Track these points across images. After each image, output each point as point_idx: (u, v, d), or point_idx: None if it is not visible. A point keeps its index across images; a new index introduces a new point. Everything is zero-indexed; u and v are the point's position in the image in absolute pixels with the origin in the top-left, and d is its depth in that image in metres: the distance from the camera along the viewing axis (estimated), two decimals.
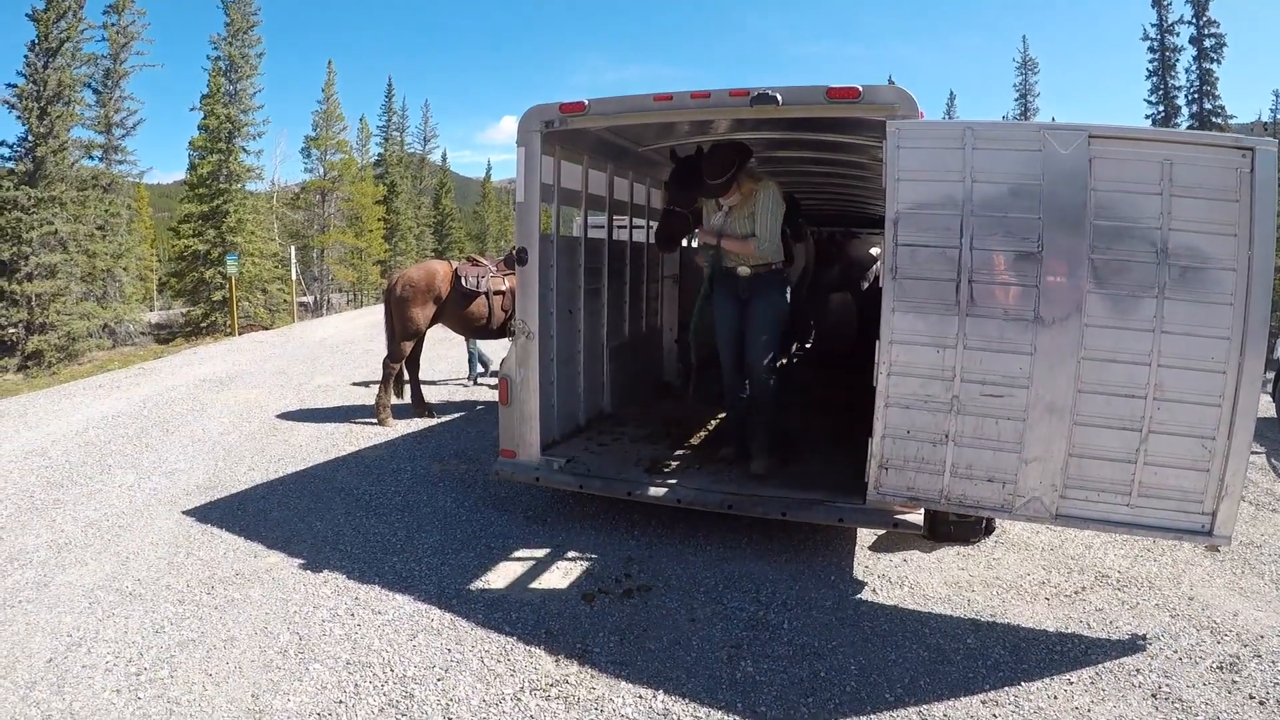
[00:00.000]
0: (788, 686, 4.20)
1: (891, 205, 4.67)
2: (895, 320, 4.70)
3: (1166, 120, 44.29)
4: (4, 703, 4.17)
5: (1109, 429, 4.47)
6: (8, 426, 10.37)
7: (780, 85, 5.31)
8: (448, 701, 4.10)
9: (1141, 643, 4.63)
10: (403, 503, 7.03)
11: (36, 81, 27.96)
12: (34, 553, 6.10)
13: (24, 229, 26.56)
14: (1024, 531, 6.09)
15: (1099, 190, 4.36)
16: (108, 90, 32.63)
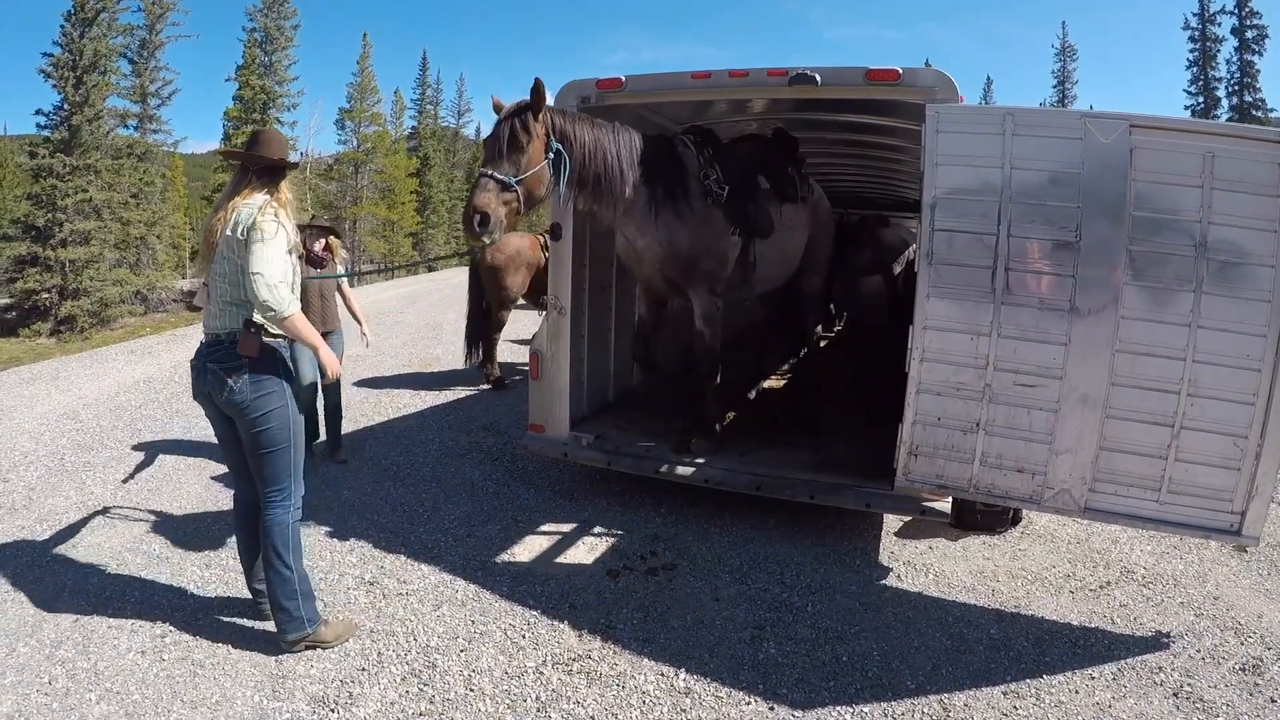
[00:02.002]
0: (809, 670, 4.21)
1: (929, 190, 4.62)
2: (929, 306, 4.66)
3: (1206, 112, 43.73)
4: (30, 660, 4.25)
5: (1141, 423, 4.42)
6: (40, 390, 10.50)
7: (818, 66, 5.27)
8: (470, 672, 4.14)
9: (1165, 640, 4.59)
10: (430, 474, 7.07)
11: (72, 51, 28.16)
12: (63, 514, 6.20)
13: (59, 196, 26.83)
14: (1050, 523, 6.05)
15: (1139, 181, 4.29)
16: (143, 60, 32.90)
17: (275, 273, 3.93)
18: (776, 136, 6.83)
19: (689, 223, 5.72)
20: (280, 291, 3.94)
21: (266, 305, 3.90)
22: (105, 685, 4.05)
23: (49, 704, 3.90)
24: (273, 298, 3.89)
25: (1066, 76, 55.25)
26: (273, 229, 3.99)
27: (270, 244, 3.95)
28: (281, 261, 4.00)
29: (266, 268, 3.90)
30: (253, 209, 4.03)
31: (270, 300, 3.88)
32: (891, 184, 10.85)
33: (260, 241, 3.93)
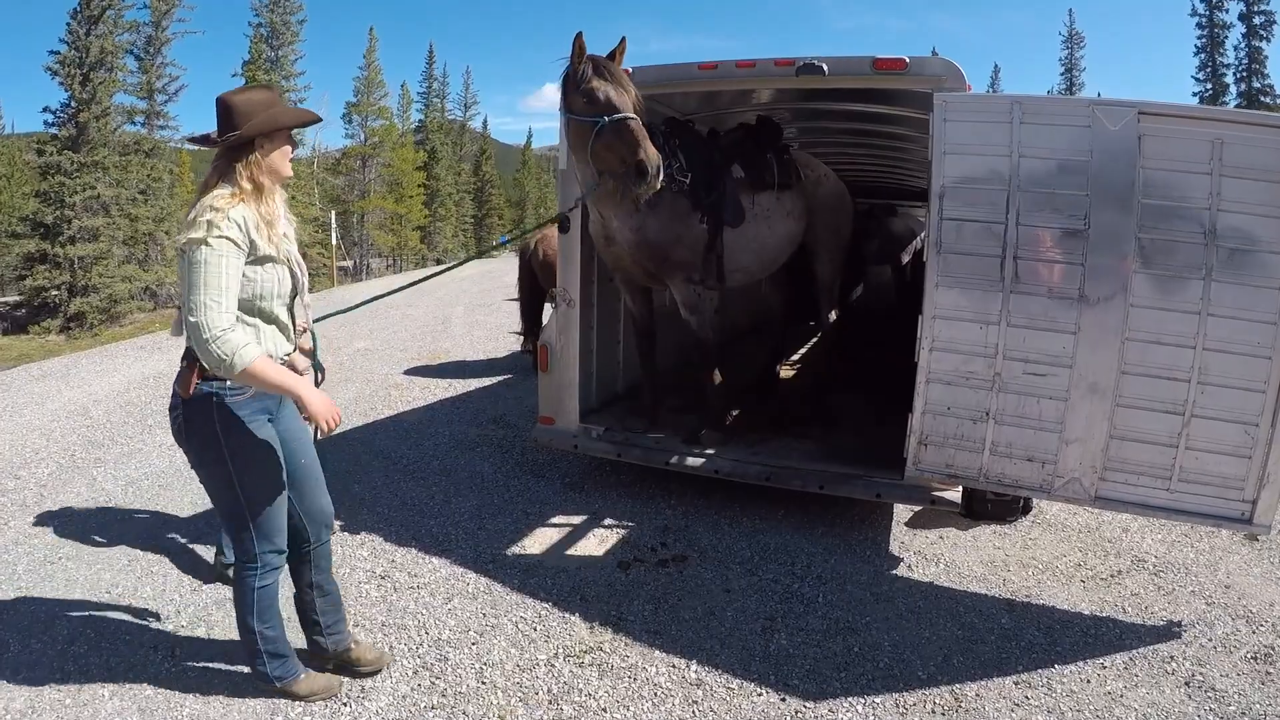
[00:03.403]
0: (821, 660, 4.21)
1: (937, 179, 4.62)
2: (938, 295, 4.66)
3: (1214, 98, 43.59)
4: (43, 657, 4.25)
5: (1151, 412, 4.41)
6: (50, 386, 10.54)
7: (825, 56, 5.25)
8: (481, 665, 4.15)
9: (1176, 629, 4.57)
10: (440, 467, 7.08)
11: (79, 48, 28.28)
12: (75, 511, 6.22)
13: (67, 193, 26.98)
14: (1061, 512, 6.03)
15: (1148, 168, 4.27)
16: (150, 57, 32.99)
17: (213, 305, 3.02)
18: (759, 124, 6.79)
19: (658, 211, 5.70)
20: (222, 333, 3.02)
21: (205, 354, 3.04)
22: (119, 682, 4.05)
23: (62, 700, 3.91)
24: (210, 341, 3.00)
25: (1074, 64, 55.12)
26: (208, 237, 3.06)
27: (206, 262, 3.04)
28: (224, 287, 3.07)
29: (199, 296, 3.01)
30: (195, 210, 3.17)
31: (206, 346, 3.00)
32: (899, 173, 10.82)
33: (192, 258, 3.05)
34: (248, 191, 3.23)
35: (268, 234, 3.25)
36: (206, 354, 3.03)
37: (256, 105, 3.28)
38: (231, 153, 3.25)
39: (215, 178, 3.27)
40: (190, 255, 3.06)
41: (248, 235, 3.17)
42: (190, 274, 3.04)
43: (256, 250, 3.21)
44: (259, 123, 3.24)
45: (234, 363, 3.02)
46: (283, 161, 3.38)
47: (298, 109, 3.50)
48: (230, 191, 3.21)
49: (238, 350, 3.04)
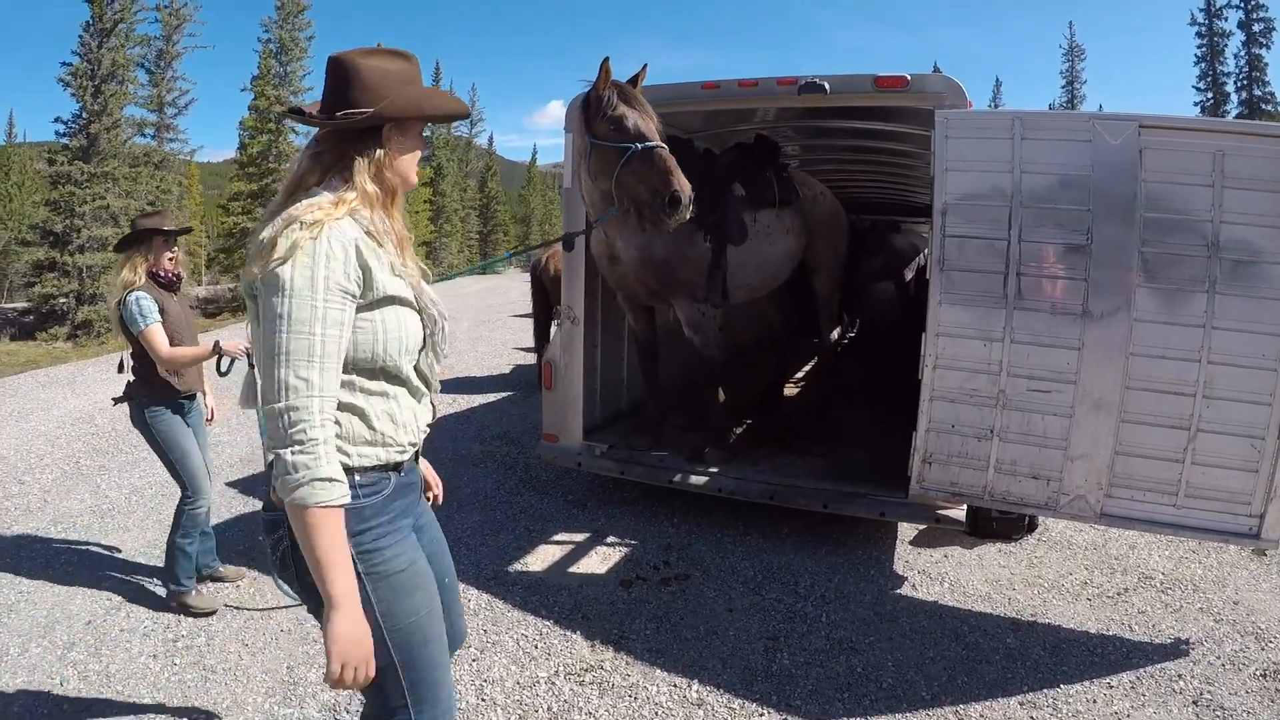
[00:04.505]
0: (824, 681, 4.17)
1: (939, 196, 4.61)
2: (942, 312, 4.64)
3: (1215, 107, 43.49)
4: (43, 661, 4.30)
5: (1156, 427, 4.38)
6: (56, 393, 10.60)
7: (828, 74, 5.26)
8: (482, 682, 4.13)
9: (1184, 647, 4.53)
10: (442, 479, 7.05)
11: (91, 61, 28.41)
12: (78, 517, 6.27)
13: (77, 203, 27.06)
14: (1067, 530, 6.00)
15: (1149, 181, 4.26)
16: (160, 70, 33.21)
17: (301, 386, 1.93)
18: (757, 142, 6.80)
19: (664, 230, 5.63)
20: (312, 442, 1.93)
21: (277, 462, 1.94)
22: (116, 688, 4.08)
23: (60, 705, 3.94)
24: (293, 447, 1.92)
25: (1075, 77, 55.06)
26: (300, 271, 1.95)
27: (291, 316, 1.94)
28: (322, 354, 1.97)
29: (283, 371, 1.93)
30: (275, 226, 2.01)
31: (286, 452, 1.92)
32: (902, 189, 10.82)
33: (272, 303, 1.95)
34: (370, 198, 2.17)
35: (392, 262, 2.18)
36: (276, 457, 1.95)
37: (391, 78, 2.19)
38: (347, 140, 2.18)
39: (315, 173, 2.19)
40: (271, 297, 1.95)
41: (362, 266, 2.08)
42: (271, 329, 1.95)
43: (376, 287, 2.10)
44: (400, 103, 2.17)
45: (301, 490, 1.92)
46: (413, 166, 2.33)
47: (446, 94, 2.44)
48: (337, 197, 2.11)
49: (319, 477, 1.94)
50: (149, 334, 4.55)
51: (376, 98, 2.13)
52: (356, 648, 2.02)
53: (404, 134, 2.24)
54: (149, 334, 4.55)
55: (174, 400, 4.79)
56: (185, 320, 4.91)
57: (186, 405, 4.89)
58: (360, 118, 2.12)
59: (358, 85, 2.14)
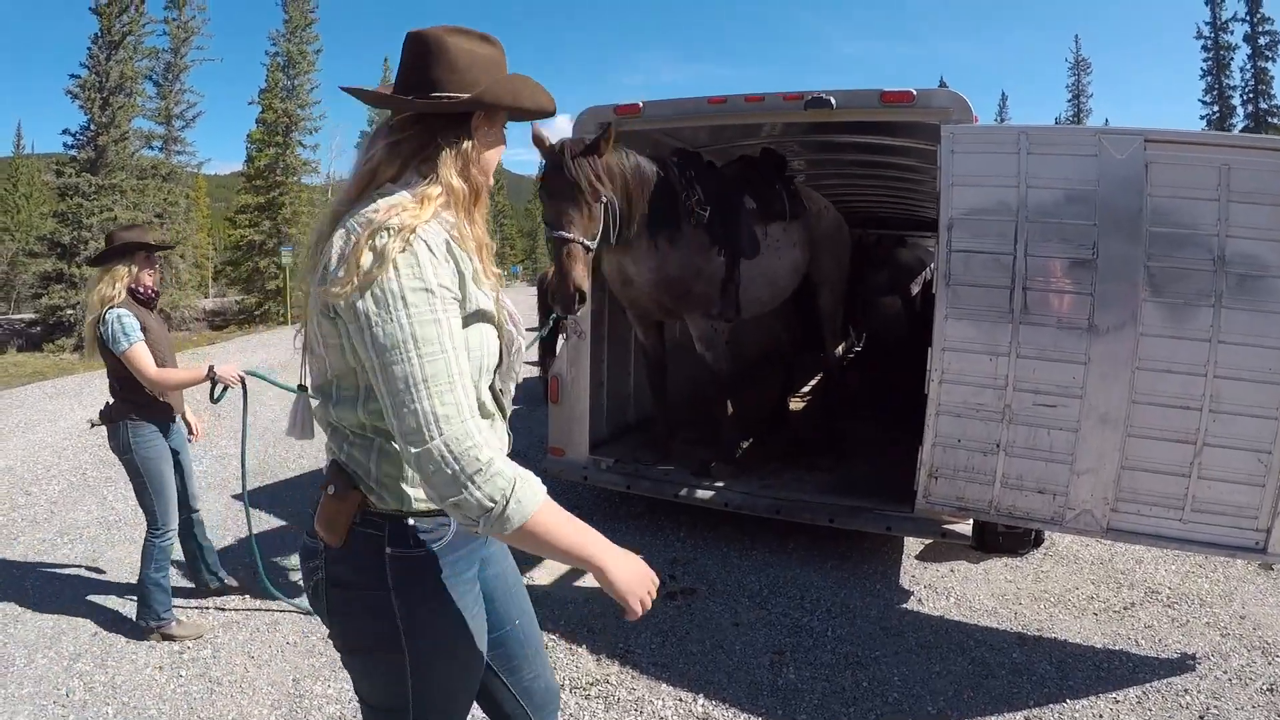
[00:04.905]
0: (829, 695, 4.17)
1: (945, 210, 4.61)
2: (948, 327, 4.64)
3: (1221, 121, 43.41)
4: (48, 672, 4.32)
5: (1163, 441, 4.37)
6: (63, 405, 10.63)
7: (834, 89, 5.26)
8: None
9: (1191, 662, 4.53)
10: None
11: (99, 73, 28.57)
12: (84, 528, 6.29)
13: (84, 215, 27.20)
14: (1073, 544, 5.99)
15: (1155, 196, 4.25)
16: (168, 83, 33.29)
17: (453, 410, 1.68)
18: (763, 155, 6.81)
19: (678, 247, 5.65)
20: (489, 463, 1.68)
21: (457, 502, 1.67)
22: (122, 699, 4.09)
23: (65, 716, 3.96)
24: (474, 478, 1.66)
25: (1081, 90, 55.12)
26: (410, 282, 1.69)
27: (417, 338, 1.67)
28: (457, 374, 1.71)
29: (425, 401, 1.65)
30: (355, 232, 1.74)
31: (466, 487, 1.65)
32: (908, 204, 10.83)
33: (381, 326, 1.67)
34: (457, 196, 1.87)
35: (482, 269, 1.91)
36: (459, 505, 1.66)
37: (481, 62, 1.89)
38: (431, 128, 1.88)
39: (393, 166, 1.88)
40: (383, 322, 1.67)
41: (456, 271, 1.81)
42: (393, 357, 1.66)
43: (468, 299, 1.83)
44: (497, 90, 1.88)
45: (510, 513, 1.68)
46: (495, 163, 2.03)
47: (539, 85, 2.00)
48: (421, 195, 1.82)
49: (515, 489, 1.71)
50: (134, 354, 4.41)
51: (468, 82, 1.86)
52: (639, 580, 1.87)
53: (492, 125, 1.96)
54: (134, 354, 4.41)
55: (161, 423, 4.68)
56: (165, 338, 4.80)
57: (169, 427, 4.76)
58: (453, 102, 1.85)
59: (445, 66, 1.85)
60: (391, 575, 1.89)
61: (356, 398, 1.85)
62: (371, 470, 1.89)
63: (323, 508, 1.93)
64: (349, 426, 1.90)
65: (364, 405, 1.84)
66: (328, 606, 1.96)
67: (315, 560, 1.96)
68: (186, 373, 4.62)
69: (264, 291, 33.69)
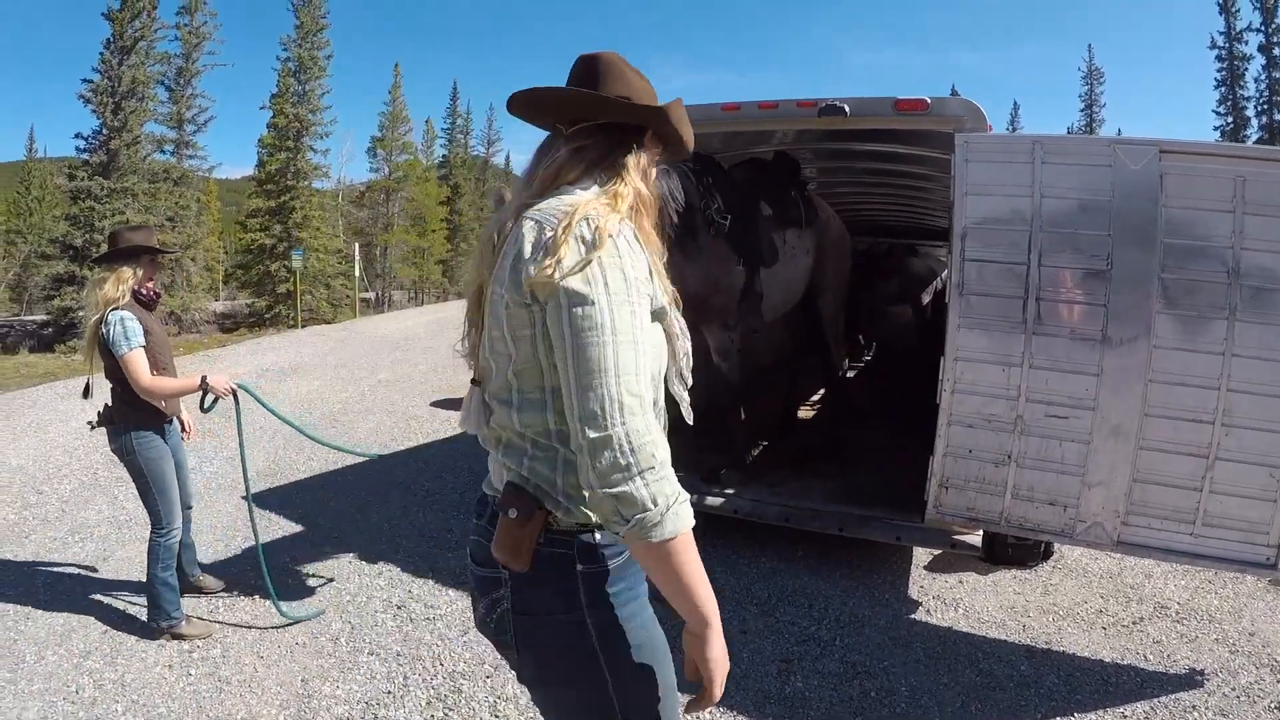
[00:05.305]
0: (837, 704, 4.15)
1: (959, 219, 4.60)
2: (960, 337, 4.63)
3: (1235, 132, 43.16)
4: (58, 669, 4.34)
5: (1175, 454, 4.34)
6: (75, 405, 10.64)
7: (848, 96, 5.26)
8: (495, 699, 4.13)
9: (1199, 678, 4.49)
10: (459, 500, 7.08)
11: (111, 78, 28.85)
12: (95, 527, 6.31)
13: (96, 218, 27.43)
14: (1082, 557, 5.96)
15: (1170, 207, 4.23)
16: (180, 88, 33.58)
17: (635, 403, 1.66)
18: (777, 159, 6.79)
19: (697, 260, 5.57)
20: (661, 464, 1.67)
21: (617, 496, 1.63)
22: (131, 697, 4.10)
23: (75, 712, 3.97)
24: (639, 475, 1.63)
25: (1094, 100, 55.08)
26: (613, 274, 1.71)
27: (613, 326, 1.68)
28: (641, 369, 1.71)
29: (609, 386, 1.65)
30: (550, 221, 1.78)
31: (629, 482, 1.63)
32: (919, 213, 10.82)
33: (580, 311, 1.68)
34: (642, 200, 1.93)
35: (659, 271, 1.90)
36: (619, 496, 1.63)
37: (648, 89, 2.01)
38: (614, 137, 1.95)
39: (577, 169, 1.93)
40: (581, 304, 1.68)
41: (648, 265, 1.85)
42: (586, 340, 1.66)
43: (655, 294, 1.84)
44: (676, 110, 1.99)
45: (664, 521, 1.66)
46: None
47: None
48: (612, 193, 1.88)
49: (677, 501, 1.69)
50: (132, 358, 4.43)
51: (645, 102, 1.96)
52: (725, 662, 1.82)
53: (653, 147, 2.04)
54: (132, 358, 4.43)
55: (160, 425, 4.71)
56: (165, 342, 4.84)
57: (168, 428, 4.80)
58: (652, 110, 1.95)
59: (625, 85, 1.95)
60: (585, 593, 1.86)
61: (543, 400, 1.82)
62: (558, 484, 1.84)
63: (505, 533, 1.82)
64: (534, 434, 1.85)
65: (552, 407, 1.81)
66: (517, 637, 1.90)
67: (498, 591, 1.90)
68: (179, 382, 4.66)
69: (274, 295, 33.90)
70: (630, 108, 1.92)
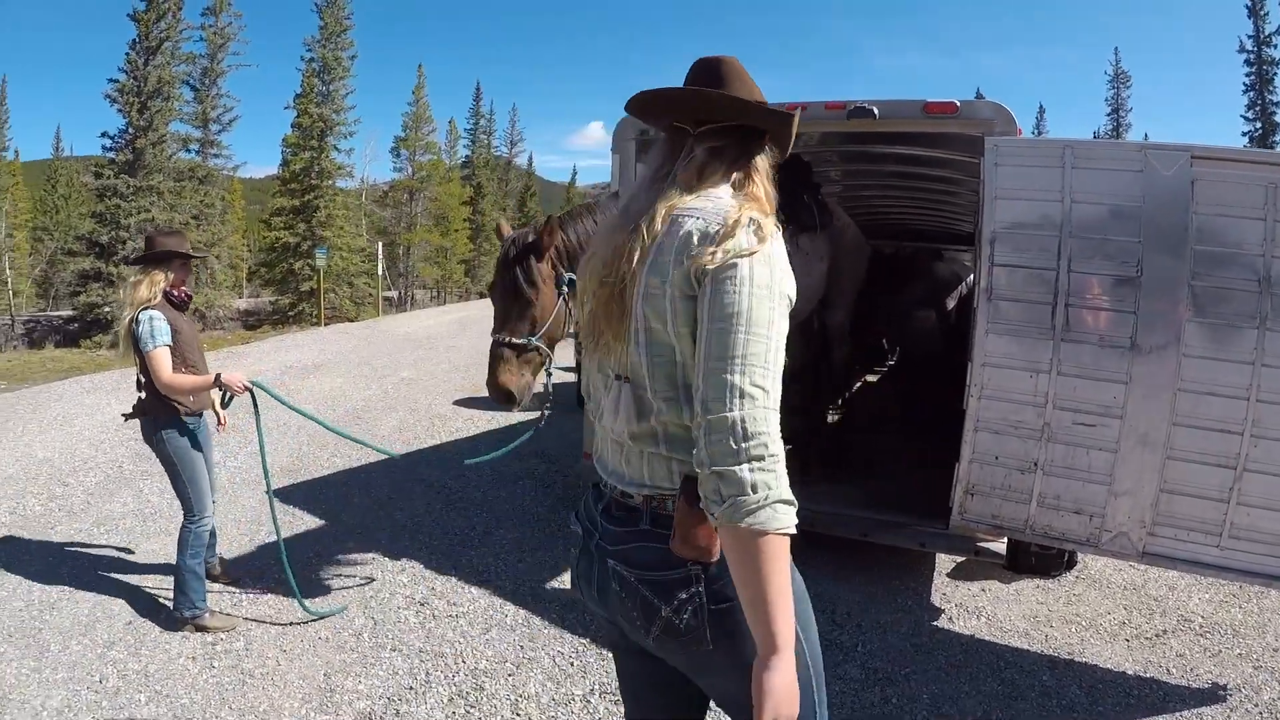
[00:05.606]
0: (859, 711, 4.14)
1: (988, 224, 4.56)
2: (988, 342, 4.59)
3: (1264, 137, 42.61)
4: (82, 658, 4.39)
5: (1203, 465, 4.27)
6: (101, 399, 10.76)
7: (876, 99, 5.23)
8: (517, 697, 4.14)
9: (1221, 693, 4.44)
10: (482, 498, 7.11)
11: (137, 78, 29.17)
12: (120, 519, 6.37)
13: (122, 215, 27.75)
14: (1105, 568, 5.91)
15: (1200, 214, 4.16)
16: (205, 88, 33.89)
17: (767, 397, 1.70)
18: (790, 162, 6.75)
19: None
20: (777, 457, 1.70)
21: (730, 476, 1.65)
22: (155, 687, 4.14)
23: (98, 702, 4.01)
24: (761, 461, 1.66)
25: (1120, 104, 54.60)
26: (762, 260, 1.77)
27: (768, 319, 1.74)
28: (778, 366, 1.76)
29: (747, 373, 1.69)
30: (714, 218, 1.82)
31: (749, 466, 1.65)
32: (944, 217, 10.78)
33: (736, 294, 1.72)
34: (772, 205, 1.96)
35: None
36: (722, 474, 1.65)
37: (760, 93, 2.07)
38: (744, 140, 2.00)
39: (720, 170, 1.97)
40: (727, 292, 1.73)
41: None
42: (723, 328, 1.72)
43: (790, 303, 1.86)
44: (796, 119, 2.04)
45: (761, 513, 1.65)
46: None
47: None
48: (751, 197, 1.93)
49: (781, 500, 1.70)
50: (156, 356, 4.60)
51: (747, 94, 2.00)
52: (791, 703, 1.69)
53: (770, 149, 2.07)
54: (156, 356, 4.60)
55: (190, 416, 4.84)
56: (194, 340, 5.00)
57: (195, 422, 4.91)
58: (780, 117, 2.00)
59: (747, 89, 2.01)
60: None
61: None
62: None
63: (700, 531, 1.81)
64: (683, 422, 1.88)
65: None
66: (712, 629, 1.89)
67: (687, 590, 1.89)
68: (196, 379, 4.75)
69: (298, 292, 34.16)
70: (767, 112, 1.98)
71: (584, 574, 2.10)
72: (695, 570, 1.85)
